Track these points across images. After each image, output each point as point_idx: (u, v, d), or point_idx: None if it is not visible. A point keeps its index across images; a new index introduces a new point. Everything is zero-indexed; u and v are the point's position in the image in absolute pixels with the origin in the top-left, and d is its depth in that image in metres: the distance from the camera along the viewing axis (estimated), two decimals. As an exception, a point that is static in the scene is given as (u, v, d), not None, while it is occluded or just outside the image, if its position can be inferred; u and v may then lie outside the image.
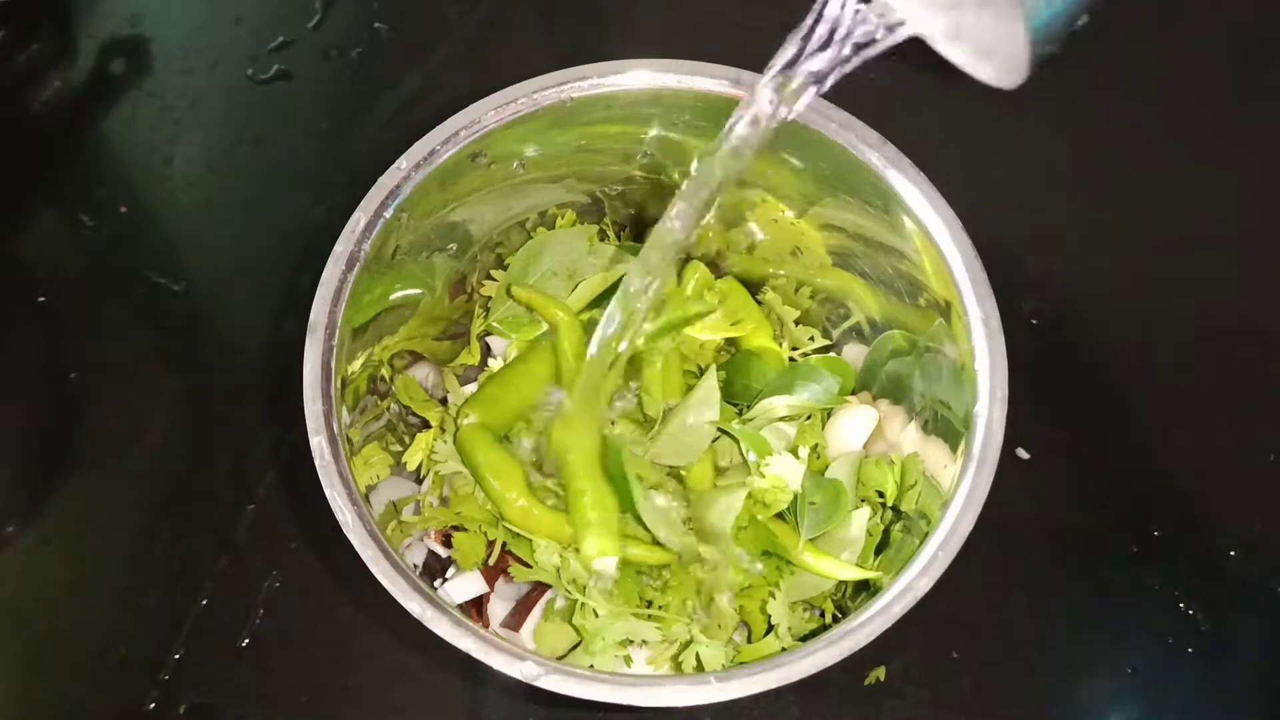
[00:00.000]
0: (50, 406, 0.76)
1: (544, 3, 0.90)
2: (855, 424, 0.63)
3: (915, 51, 0.40)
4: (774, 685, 0.47)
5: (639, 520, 0.57)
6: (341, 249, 0.54)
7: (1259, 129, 0.84)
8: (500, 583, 0.63)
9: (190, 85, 0.86)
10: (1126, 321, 0.78)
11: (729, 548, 0.58)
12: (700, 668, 0.55)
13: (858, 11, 0.41)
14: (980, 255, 0.54)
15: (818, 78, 0.43)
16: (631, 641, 0.56)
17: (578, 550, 0.56)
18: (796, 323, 0.68)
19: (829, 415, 0.64)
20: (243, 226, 0.81)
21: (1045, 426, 0.73)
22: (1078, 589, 0.70)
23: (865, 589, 0.58)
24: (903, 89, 0.86)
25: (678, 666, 0.56)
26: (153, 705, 0.66)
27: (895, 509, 0.59)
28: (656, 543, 0.58)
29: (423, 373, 0.66)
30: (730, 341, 0.67)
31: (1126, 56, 0.87)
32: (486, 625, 0.62)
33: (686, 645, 0.56)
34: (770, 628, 0.57)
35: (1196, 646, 0.68)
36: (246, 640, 0.68)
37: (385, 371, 0.61)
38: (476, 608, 0.64)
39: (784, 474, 0.58)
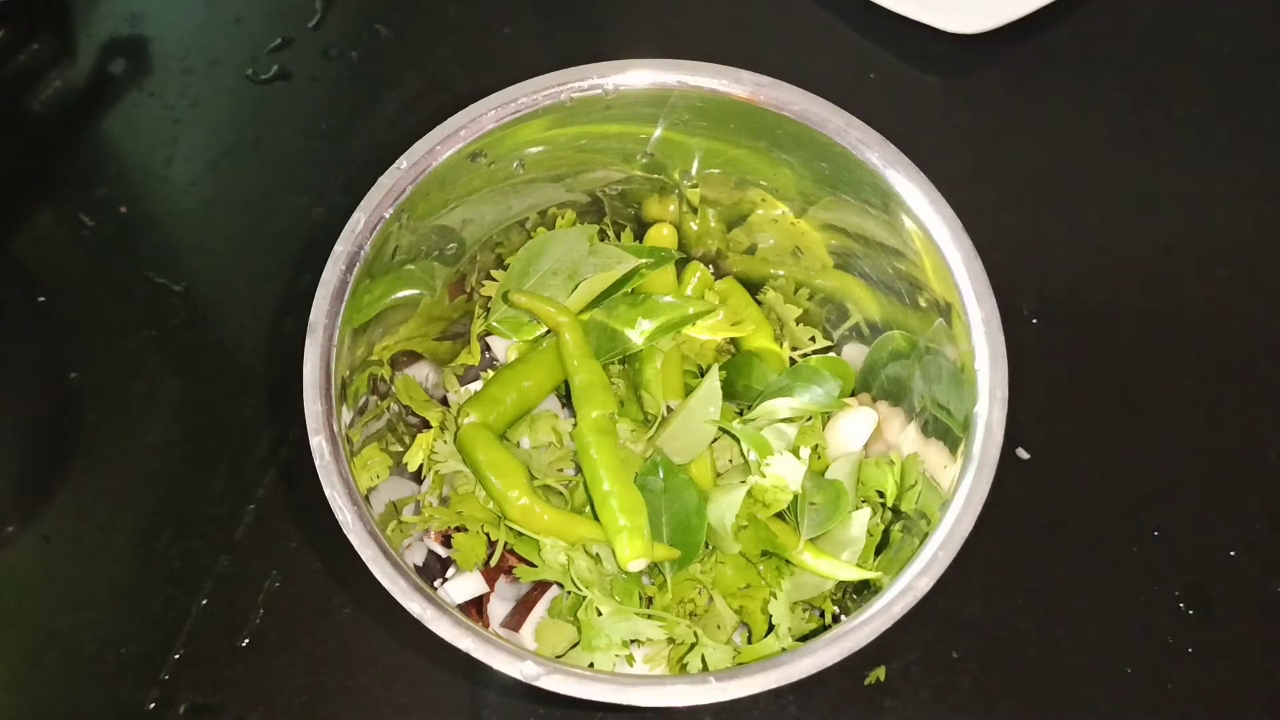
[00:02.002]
0: (50, 406, 0.76)
1: (544, 3, 0.90)
2: (855, 425, 0.63)
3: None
4: (774, 685, 0.47)
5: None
6: (341, 249, 0.54)
7: (1260, 129, 0.84)
8: (500, 583, 0.63)
9: (190, 85, 0.86)
10: (1126, 321, 0.78)
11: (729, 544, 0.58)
12: (705, 670, 0.55)
13: None
14: (980, 255, 0.54)
15: None
16: (636, 641, 0.56)
17: (604, 554, 0.57)
18: (797, 322, 0.68)
19: (829, 416, 0.64)
20: (243, 226, 0.81)
21: (1045, 426, 0.73)
22: (1078, 589, 0.70)
23: (865, 589, 0.58)
24: (903, 89, 0.86)
25: (681, 668, 0.56)
26: (153, 705, 0.67)
27: (895, 509, 0.59)
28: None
29: (423, 373, 0.66)
30: (731, 341, 0.68)
31: (1126, 57, 0.87)
32: (486, 625, 0.62)
33: (691, 647, 0.56)
34: (770, 628, 0.57)
35: (1196, 646, 0.68)
36: (246, 640, 0.68)
37: (385, 371, 0.61)
38: (476, 608, 0.64)
39: (784, 474, 0.58)
